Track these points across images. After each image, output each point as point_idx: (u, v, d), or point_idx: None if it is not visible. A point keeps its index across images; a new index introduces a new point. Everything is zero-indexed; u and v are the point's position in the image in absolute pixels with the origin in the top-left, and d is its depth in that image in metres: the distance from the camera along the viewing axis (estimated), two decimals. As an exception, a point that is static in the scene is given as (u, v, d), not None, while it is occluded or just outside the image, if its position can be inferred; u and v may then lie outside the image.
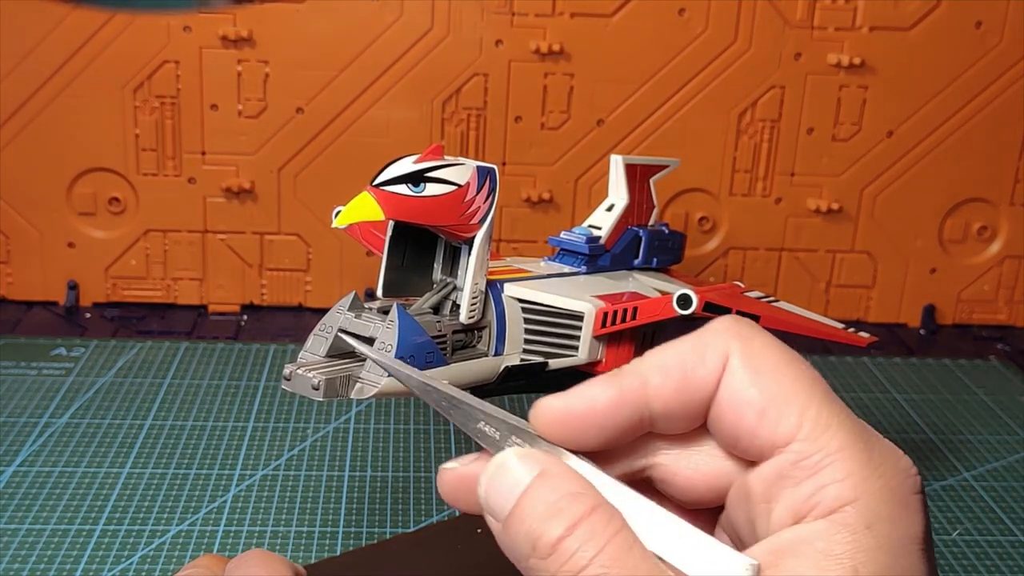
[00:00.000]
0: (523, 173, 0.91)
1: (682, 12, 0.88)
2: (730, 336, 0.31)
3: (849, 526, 0.28)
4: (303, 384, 0.41)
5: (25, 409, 0.73)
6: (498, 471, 0.30)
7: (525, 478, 0.29)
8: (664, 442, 0.33)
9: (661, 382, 0.31)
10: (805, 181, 0.94)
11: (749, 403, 0.30)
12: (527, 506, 0.29)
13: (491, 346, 0.48)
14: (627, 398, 0.31)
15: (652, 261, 0.64)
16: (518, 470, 0.30)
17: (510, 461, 0.30)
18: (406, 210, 0.43)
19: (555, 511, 0.28)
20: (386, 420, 0.74)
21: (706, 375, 0.31)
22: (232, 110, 0.88)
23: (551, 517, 0.28)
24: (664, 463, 0.33)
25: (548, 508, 0.28)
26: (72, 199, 0.90)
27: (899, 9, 0.89)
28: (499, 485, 0.30)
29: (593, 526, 0.28)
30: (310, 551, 0.59)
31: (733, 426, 0.31)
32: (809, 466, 0.29)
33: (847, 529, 0.28)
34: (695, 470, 0.32)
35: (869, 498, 0.28)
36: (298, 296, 0.94)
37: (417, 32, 0.87)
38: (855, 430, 0.30)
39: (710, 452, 0.32)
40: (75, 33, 0.85)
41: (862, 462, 0.29)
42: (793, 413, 0.30)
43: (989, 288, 0.98)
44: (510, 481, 0.30)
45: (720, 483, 0.32)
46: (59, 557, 0.57)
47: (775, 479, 0.30)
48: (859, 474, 0.29)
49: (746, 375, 0.31)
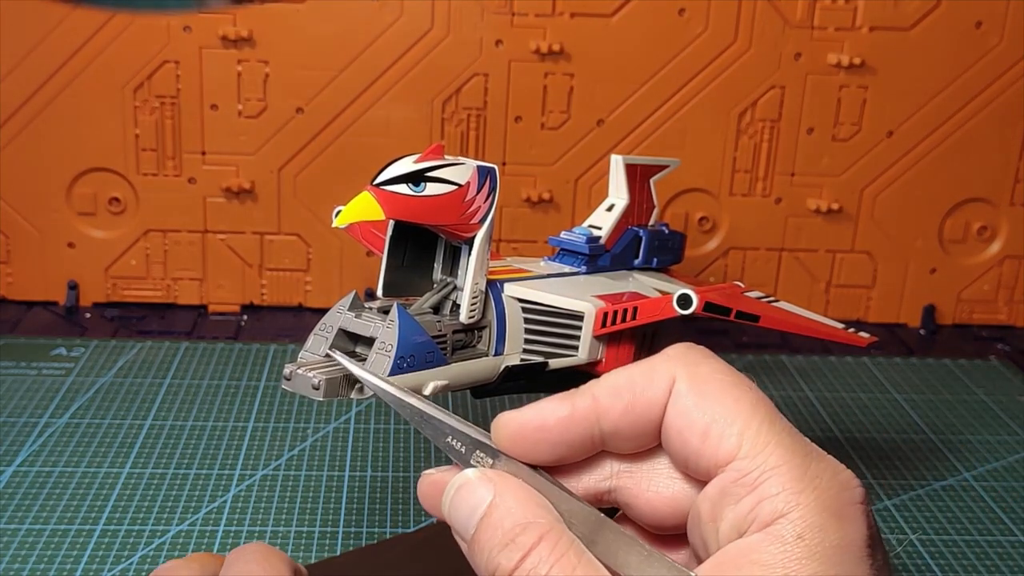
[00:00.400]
0: (523, 173, 0.91)
1: (682, 12, 0.88)
2: (678, 362, 0.33)
3: (782, 537, 0.29)
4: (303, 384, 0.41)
5: (25, 409, 0.73)
6: (459, 492, 0.33)
7: (484, 501, 0.32)
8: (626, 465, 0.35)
9: (610, 403, 0.33)
10: (805, 181, 0.94)
11: (692, 425, 0.32)
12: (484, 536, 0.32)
13: (491, 346, 0.48)
14: (578, 416, 0.33)
15: (652, 261, 0.64)
16: (478, 492, 0.32)
17: (469, 484, 0.33)
18: (406, 210, 0.43)
19: (507, 541, 0.31)
20: (386, 420, 0.74)
21: (653, 397, 0.33)
22: (232, 110, 0.88)
23: (504, 547, 0.31)
24: (627, 486, 0.35)
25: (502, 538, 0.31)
26: (72, 199, 0.90)
27: (899, 9, 0.89)
28: (460, 505, 0.33)
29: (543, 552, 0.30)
30: (310, 551, 0.59)
31: (681, 448, 0.33)
32: (748, 483, 0.31)
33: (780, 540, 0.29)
34: (656, 493, 0.34)
35: (802, 510, 0.30)
36: (298, 296, 0.94)
37: (417, 32, 0.87)
38: (794, 447, 0.31)
39: (669, 475, 0.34)
40: (75, 33, 0.85)
41: (797, 476, 0.30)
42: (734, 433, 0.31)
43: (989, 288, 0.98)
44: (472, 503, 0.32)
45: (679, 506, 0.34)
46: (59, 557, 0.57)
47: (719, 497, 0.31)
48: (793, 487, 0.30)
49: (691, 399, 0.32)
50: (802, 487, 0.30)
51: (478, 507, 0.32)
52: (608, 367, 0.53)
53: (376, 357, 0.42)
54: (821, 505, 0.30)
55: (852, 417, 0.78)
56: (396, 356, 0.42)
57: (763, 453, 0.31)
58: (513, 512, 0.31)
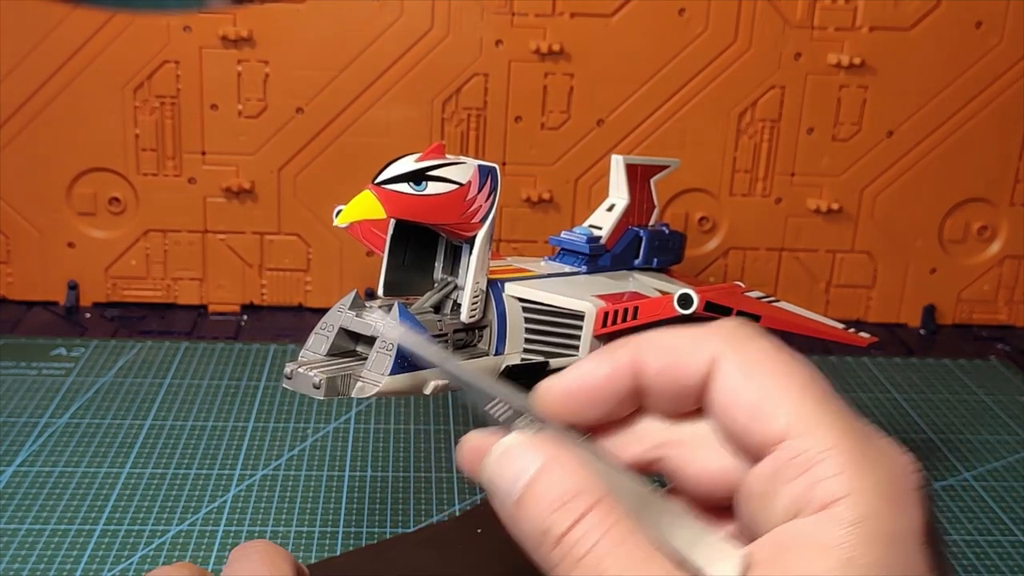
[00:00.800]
0: (523, 173, 0.91)
1: (682, 12, 0.88)
2: (727, 338, 0.33)
3: (843, 520, 0.29)
4: (304, 383, 0.41)
5: (25, 409, 0.73)
6: (502, 457, 0.32)
7: (530, 467, 0.31)
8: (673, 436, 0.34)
9: (651, 359, 0.33)
10: (805, 181, 0.94)
11: (741, 404, 0.31)
12: (533, 499, 0.31)
13: (492, 345, 0.48)
14: (619, 371, 0.33)
15: (652, 261, 0.64)
16: (523, 458, 0.31)
17: (515, 448, 0.32)
18: (407, 209, 0.43)
19: (557, 506, 0.30)
20: (386, 420, 0.74)
21: (694, 366, 0.32)
22: (232, 110, 0.88)
23: (553, 512, 0.30)
24: (674, 456, 0.34)
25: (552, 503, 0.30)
26: (72, 199, 0.90)
27: (899, 9, 0.89)
28: (504, 471, 0.32)
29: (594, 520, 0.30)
30: (310, 551, 0.59)
31: (729, 425, 0.32)
32: (803, 463, 0.30)
33: (838, 523, 0.29)
34: (704, 466, 0.34)
35: (862, 493, 0.29)
36: (298, 296, 0.94)
37: (417, 32, 0.87)
38: (850, 427, 0.30)
39: (717, 448, 0.33)
40: (75, 33, 0.85)
41: (855, 458, 0.29)
42: (785, 412, 0.31)
43: (989, 288, 0.98)
44: (517, 467, 0.31)
45: (727, 479, 0.33)
46: (59, 557, 0.57)
47: (772, 476, 0.31)
48: (852, 470, 0.29)
49: (739, 377, 0.32)
50: (859, 470, 0.29)
51: (524, 472, 0.31)
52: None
53: (377, 356, 0.42)
54: (879, 490, 0.29)
55: (852, 417, 0.78)
56: (397, 355, 0.42)
57: (818, 432, 0.30)
58: (563, 479, 0.31)
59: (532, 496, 0.31)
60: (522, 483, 0.31)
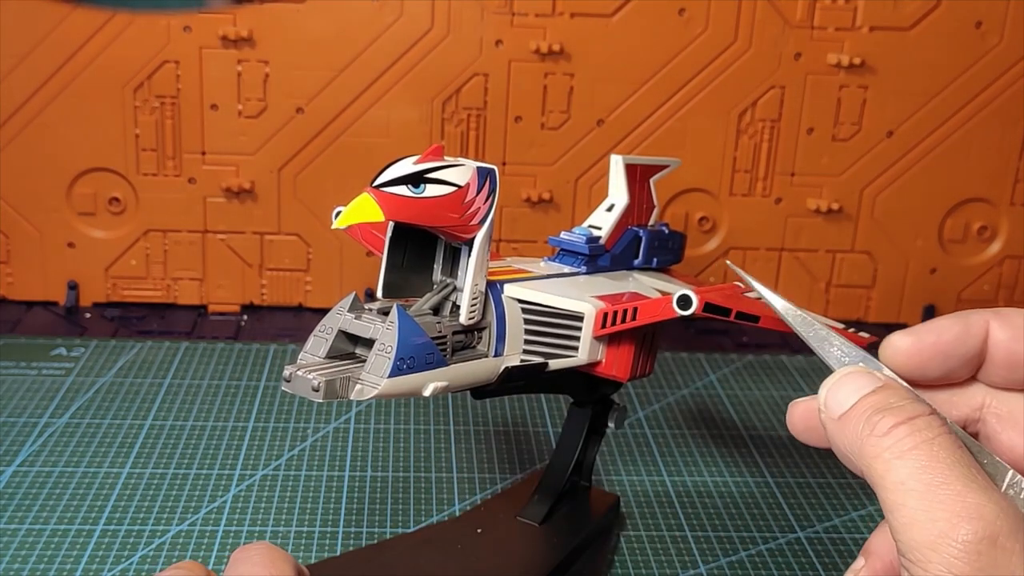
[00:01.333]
0: (523, 173, 0.91)
1: (682, 12, 0.88)
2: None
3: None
4: (303, 385, 0.41)
5: (25, 409, 0.73)
6: (844, 378, 0.35)
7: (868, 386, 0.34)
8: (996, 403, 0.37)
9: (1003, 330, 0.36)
10: (805, 181, 0.94)
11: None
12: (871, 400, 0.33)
13: (491, 347, 0.48)
14: (970, 333, 0.36)
15: (652, 261, 0.64)
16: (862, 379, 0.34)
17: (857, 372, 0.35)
18: (406, 211, 0.43)
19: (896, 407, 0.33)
20: (386, 420, 0.74)
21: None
22: (232, 110, 0.88)
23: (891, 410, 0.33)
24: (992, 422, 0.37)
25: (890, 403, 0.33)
26: (72, 199, 0.90)
27: (899, 9, 0.89)
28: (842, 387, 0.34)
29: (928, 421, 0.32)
30: (310, 551, 0.59)
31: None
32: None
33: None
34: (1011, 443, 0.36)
35: None
36: (298, 296, 0.94)
37: (417, 32, 0.87)
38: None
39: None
40: (75, 33, 0.85)
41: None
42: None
43: (989, 288, 0.98)
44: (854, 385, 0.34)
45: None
46: (59, 557, 0.57)
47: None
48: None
49: None
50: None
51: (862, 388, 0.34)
52: (608, 367, 0.53)
53: (376, 359, 0.42)
54: None
55: (852, 417, 0.78)
56: (396, 358, 0.42)
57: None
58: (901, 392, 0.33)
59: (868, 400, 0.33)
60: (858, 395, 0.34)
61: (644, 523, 0.64)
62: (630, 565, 0.60)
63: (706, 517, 0.65)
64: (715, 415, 0.79)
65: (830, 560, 0.61)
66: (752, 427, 0.77)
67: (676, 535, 0.63)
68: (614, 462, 0.71)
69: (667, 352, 0.88)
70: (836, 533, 0.64)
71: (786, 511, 0.66)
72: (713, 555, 0.61)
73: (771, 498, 0.68)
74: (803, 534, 0.64)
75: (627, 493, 0.67)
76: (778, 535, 0.64)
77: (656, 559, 0.60)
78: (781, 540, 0.63)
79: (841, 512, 0.66)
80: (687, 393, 0.82)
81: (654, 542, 0.62)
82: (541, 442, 0.73)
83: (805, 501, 0.67)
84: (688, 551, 0.61)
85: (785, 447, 0.74)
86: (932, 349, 0.36)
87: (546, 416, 0.76)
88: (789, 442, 0.75)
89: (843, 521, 0.65)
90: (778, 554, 0.62)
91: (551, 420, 0.75)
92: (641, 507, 0.66)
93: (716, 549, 0.62)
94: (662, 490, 0.68)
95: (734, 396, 0.82)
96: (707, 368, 0.87)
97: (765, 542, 0.63)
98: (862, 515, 0.66)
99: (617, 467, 0.70)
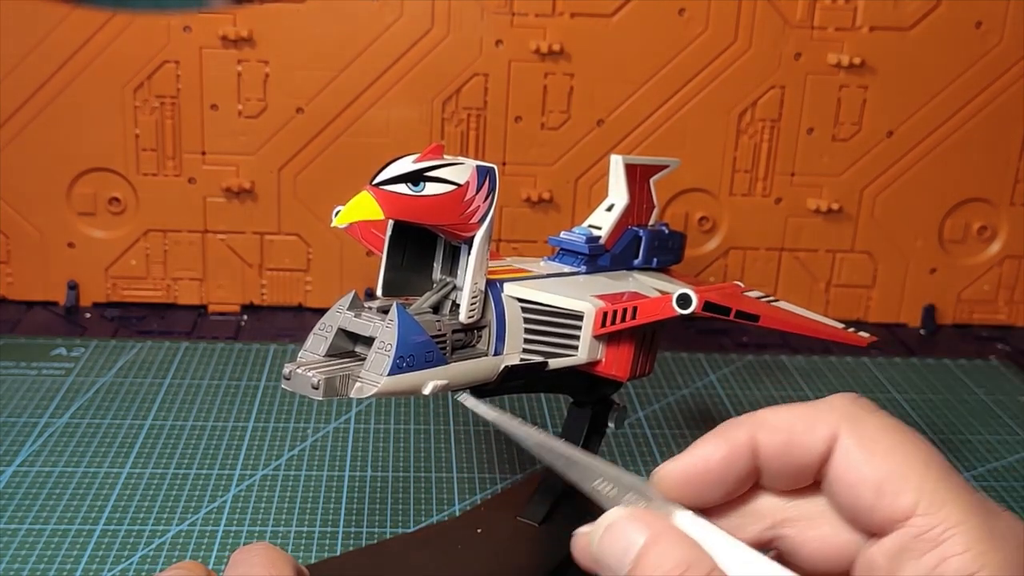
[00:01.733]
0: (523, 173, 0.91)
1: (682, 12, 0.88)
2: (842, 415, 0.33)
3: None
4: (303, 383, 0.41)
5: (25, 409, 0.73)
6: (609, 530, 0.32)
7: (638, 540, 0.31)
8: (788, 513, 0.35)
9: (767, 439, 0.33)
10: (805, 181, 0.94)
11: (864, 482, 0.32)
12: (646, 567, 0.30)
13: (491, 346, 0.48)
14: (737, 452, 0.33)
15: (652, 261, 0.63)
16: (631, 531, 0.31)
17: (620, 522, 0.32)
18: (406, 209, 0.43)
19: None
20: (386, 420, 0.74)
21: (811, 445, 0.33)
22: (232, 110, 0.88)
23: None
24: (790, 535, 0.34)
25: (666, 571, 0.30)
26: (72, 199, 0.90)
27: (899, 9, 0.89)
28: (612, 545, 0.32)
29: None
30: (310, 551, 0.59)
31: (850, 504, 0.32)
32: (930, 539, 0.30)
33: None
34: (821, 541, 0.34)
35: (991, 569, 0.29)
36: (298, 296, 0.94)
37: (417, 32, 0.87)
38: (973, 504, 0.31)
39: (833, 525, 0.34)
40: (75, 33, 0.85)
41: (983, 535, 0.30)
42: (910, 489, 0.31)
43: (989, 288, 0.98)
44: (623, 544, 0.31)
45: (844, 555, 0.33)
46: (59, 557, 0.57)
47: (897, 552, 0.31)
48: (980, 547, 0.30)
49: (860, 455, 0.32)
50: (989, 546, 0.30)
51: (633, 546, 0.31)
52: (607, 367, 0.53)
53: (375, 357, 0.42)
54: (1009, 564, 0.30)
55: (852, 417, 0.78)
56: (395, 356, 0.42)
57: (944, 510, 0.31)
58: (671, 552, 0.31)
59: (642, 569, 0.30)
60: (631, 557, 0.31)
61: (644, 523, 0.64)
62: (630, 565, 0.60)
63: (706, 517, 0.65)
64: (715, 415, 0.79)
65: (830, 560, 0.61)
66: (752, 427, 0.77)
67: (676, 535, 0.63)
68: (614, 462, 0.71)
69: (667, 352, 0.88)
70: (836, 533, 0.64)
71: (786, 511, 0.66)
72: (713, 555, 0.61)
73: (771, 498, 0.68)
74: (803, 534, 0.64)
75: (627, 493, 0.67)
76: (778, 535, 0.63)
77: (656, 559, 0.60)
78: (781, 540, 0.63)
79: (841, 512, 0.66)
80: (687, 393, 0.82)
81: (654, 542, 0.62)
82: (541, 442, 0.73)
83: (805, 501, 0.67)
84: (688, 551, 0.61)
85: (785, 447, 0.74)
86: (702, 479, 0.34)
87: (546, 416, 0.76)
88: (789, 442, 0.75)
89: (843, 521, 0.65)
90: (778, 554, 0.62)
91: (551, 420, 0.75)
92: (641, 507, 0.66)
93: (716, 549, 0.62)
94: (662, 490, 0.68)
95: (734, 396, 0.82)
96: (707, 368, 0.86)
97: (765, 542, 0.63)
98: (862, 515, 0.66)
99: (617, 467, 0.70)
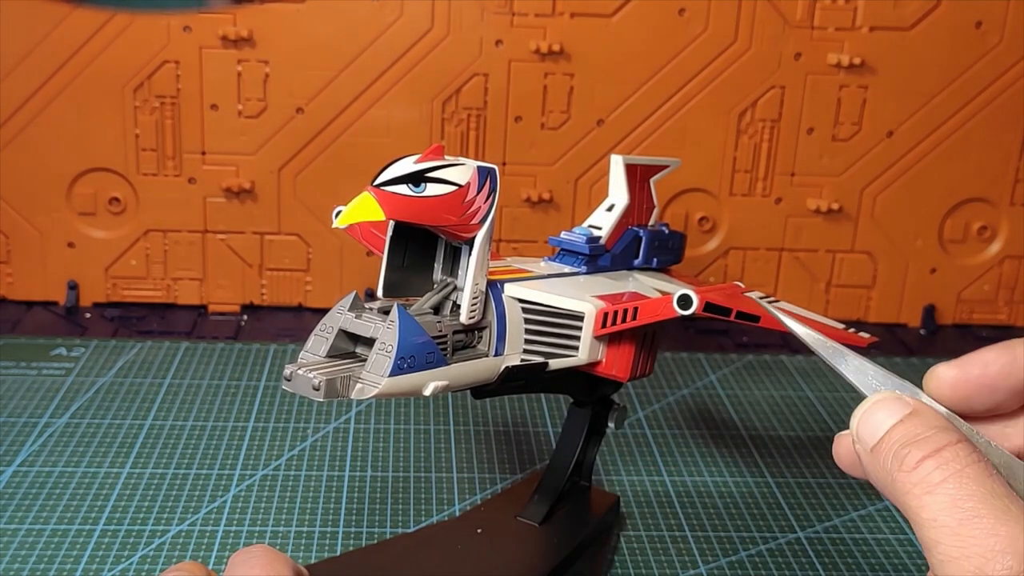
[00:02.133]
0: (523, 173, 0.91)
1: (682, 12, 0.88)
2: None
3: None
4: (303, 384, 0.41)
5: (25, 409, 0.73)
6: (873, 406, 0.34)
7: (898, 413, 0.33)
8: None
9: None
10: (805, 181, 0.94)
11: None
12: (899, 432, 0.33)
13: (491, 346, 0.48)
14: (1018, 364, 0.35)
15: (652, 261, 0.63)
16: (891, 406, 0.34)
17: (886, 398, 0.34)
18: (407, 210, 0.43)
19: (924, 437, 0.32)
20: (386, 420, 0.74)
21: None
22: (232, 110, 0.88)
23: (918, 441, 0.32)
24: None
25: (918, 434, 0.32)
26: (72, 199, 0.90)
27: (899, 9, 0.89)
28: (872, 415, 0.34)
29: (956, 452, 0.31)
30: (310, 551, 0.59)
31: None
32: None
33: None
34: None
35: None
36: (298, 296, 0.94)
37: (417, 32, 0.87)
38: None
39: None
40: (75, 33, 0.85)
41: None
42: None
43: (989, 288, 0.98)
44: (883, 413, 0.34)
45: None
46: (59, 557, 0.57)
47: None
48: None
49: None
50: None
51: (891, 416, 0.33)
52: (608, 367, 0.53)
53: (376, 358, 0.42)
54: None
55: (852, 417, 0.78)
56: (396, 357, 0.42)
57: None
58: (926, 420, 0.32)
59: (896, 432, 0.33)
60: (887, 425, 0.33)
61: (644, 523, 0.64)
62: (630, 565, 0.60)
63: (706, 517, 0.65)
64: (715, 415, 0.79)
65: (830, 560, 0.61)
66: (752, 427, 0.77)
67: (676, 535, 0.63)
68: (614, 462, 0.71)
69: (667, 352, 0.88)
70: (836, 533, 0.64)
71: (786, 511, 0.66)
72: (713, 555, 0.61)
73: (771, 498, 0.68)
74: (803, 534, 0.64)
75: (627, 493, 0.67)
76: (778, 535, 0.64)
77: (656, 559, 0.60)
78: (781, 540, 0.63)
79: (841, 512, 0.66)
80: (687, 393, 0.82)
81: (654, 542, 0.62)
82: (541, 442, 0.73)
83: (805, 501, 0.67)
84: (688, 551, 0.61)
85: (785, 447, 0.74)
86: (977, 382, 0.35)
87: (546, 416, 0.76)
88: (789, 442, 0.75)
89: (843, 521, 0.65)
90: (778, 554, 0.62)
91: (551, 420, 0.75)
92: (641, 507, 0.66)
93: (716, 549, 0.62)
94: (662, 490, 0.68)
95: (734, 396, 0.82)
96: (707, 368, 0.87)
97: (765, 542, 0.63)
98: (862, 515, 0.66)
99: (617, 467, 0.70)
